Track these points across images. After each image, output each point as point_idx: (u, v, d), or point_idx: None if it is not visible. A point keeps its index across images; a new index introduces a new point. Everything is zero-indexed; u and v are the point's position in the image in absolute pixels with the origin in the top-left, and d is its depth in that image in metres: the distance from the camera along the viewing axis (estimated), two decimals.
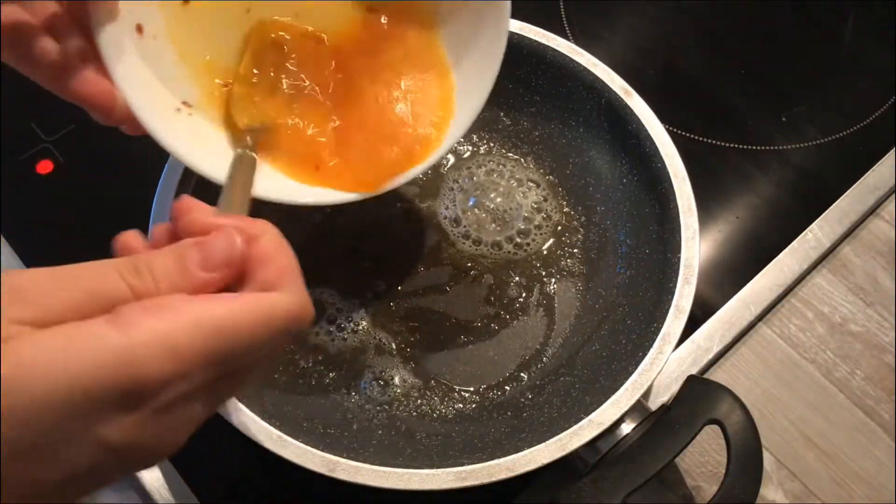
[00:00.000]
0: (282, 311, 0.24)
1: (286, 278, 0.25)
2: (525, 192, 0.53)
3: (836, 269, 0.56)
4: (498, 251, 0.51)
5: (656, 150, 0.47)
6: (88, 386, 0.19)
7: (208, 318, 0.22)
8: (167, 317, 0.21)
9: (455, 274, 0.50)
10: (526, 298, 0.50)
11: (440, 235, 0.52)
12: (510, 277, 0.50)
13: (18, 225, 0.54)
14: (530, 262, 0.51)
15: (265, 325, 0.23)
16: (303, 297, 0.25)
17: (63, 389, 0.19)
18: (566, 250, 0.51)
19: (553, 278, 0.50)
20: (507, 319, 0.49)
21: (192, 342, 0.21)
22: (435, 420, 0.45)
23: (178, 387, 0.21)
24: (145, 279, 0.23)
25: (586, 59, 0.49)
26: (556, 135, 0.53)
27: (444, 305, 0.49)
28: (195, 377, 0.21)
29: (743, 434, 0.40)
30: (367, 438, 0.43)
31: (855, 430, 0.50)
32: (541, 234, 0.52)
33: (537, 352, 0.48)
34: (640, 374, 0.40)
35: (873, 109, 0.62)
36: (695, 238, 0.44)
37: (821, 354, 0.52)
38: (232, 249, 0.24)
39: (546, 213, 0.52)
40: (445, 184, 0.53)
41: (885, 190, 0.57)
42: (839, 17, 0.67)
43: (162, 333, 0.21)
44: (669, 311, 0.42)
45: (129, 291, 0.22)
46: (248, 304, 0.23)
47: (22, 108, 0.58)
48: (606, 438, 0.40)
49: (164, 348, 0.21)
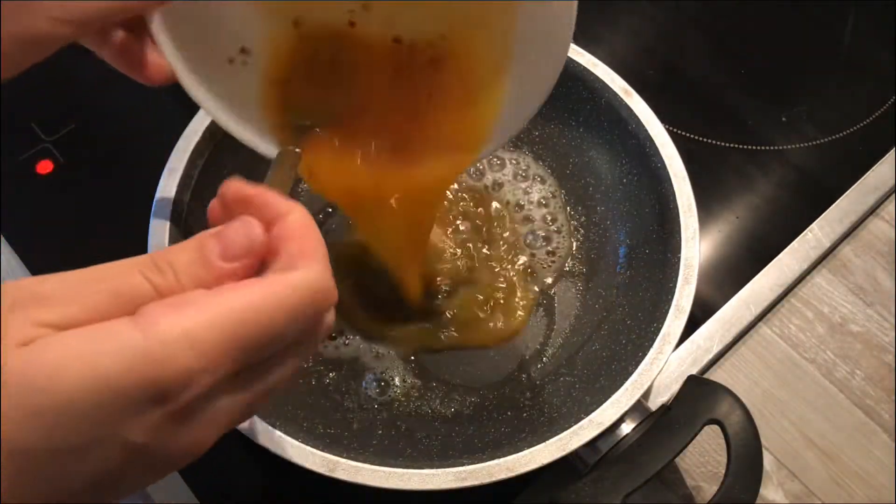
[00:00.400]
0: (301, 290, 0.23)
1: (307, 256, 0.24)
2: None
3: (836, 269, 0.56)
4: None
5: (656, 150, 0.47)
6: (114, 386, 0.19)
7: (227, 308, 0.21)
8: (187, 312, 0.21)
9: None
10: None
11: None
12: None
13: (18, 225, 0.54)
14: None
15: (284, 307, 0.23)
16: (321, 273, 0.24)
17: (90, 390, 0.19)
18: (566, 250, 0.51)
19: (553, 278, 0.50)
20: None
21: (213, 334, 0.21)
22: (435, 420, 0.45)
23: (202, 381, 0.21)
24: (167, 275, 0.22)
25: (586, 59, 0.49)
26: (556, 135, 0.53)
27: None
28: (219, 370, 0.21)
29: (743, 434, 0.40)
30: (367, 438, 0.43)
31: (855, 430, 0.50)
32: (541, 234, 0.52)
33: (537, 352, 0.48)
34: (640, 374, 0.40)
35: (873, 109, 0.62)
36: (695, 238, 0.44)
37: (821, 354, 0.52)
38: (251, 238, 0.24)
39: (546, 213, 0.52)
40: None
41: (885, 190, 0.57)
42: (839, 17, 0.67)
43: (182, 329, 0.21)
44: (669, 311, 0.42)
45: (151, 289, 0.22)
46: (267, 289, 0.23)
47: (22, 108, 0.58)
48: (606, 438, 0.40)
49: (185, 343, 0.20)
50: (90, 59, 0.37)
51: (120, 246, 0.55)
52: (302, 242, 0.24)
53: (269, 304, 0.22)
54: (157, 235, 0.42)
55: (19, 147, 0.57)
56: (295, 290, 0.23)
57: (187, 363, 0.20)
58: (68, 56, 0.62)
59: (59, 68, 0.60)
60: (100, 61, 0.36)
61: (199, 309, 0.21)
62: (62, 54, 0.30)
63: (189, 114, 0.46)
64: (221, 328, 0.21)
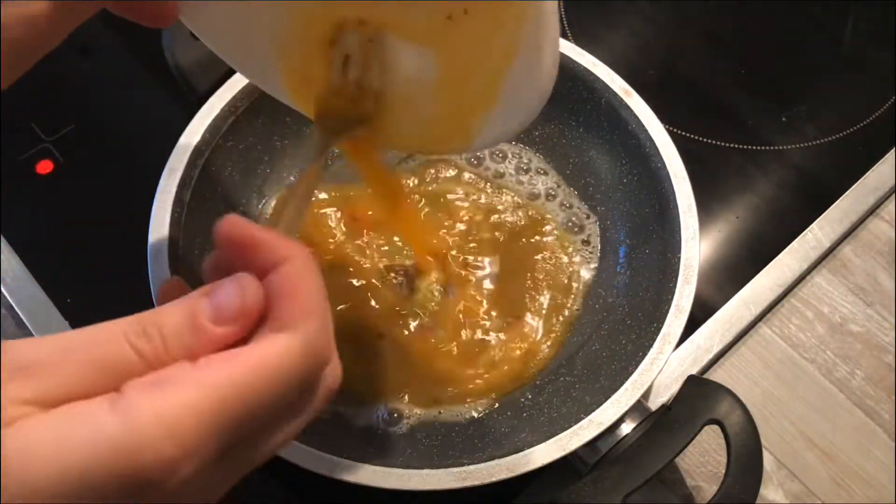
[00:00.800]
0: (293, 355, 0.22)
1: (302, 313, 0.22)
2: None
3: (836, 269, 0.56)
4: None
5: (656, 150, 0.47)
6: (85, 479, 0.18)
7: (210, 388, 0.20)
8: (167, 393, 0.20)
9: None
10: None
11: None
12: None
13: (18, 225, 0.54)
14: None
15: (273, 378, 0.21)
16: (316, 333, 0.22)
17: (58, 483, 0.18)
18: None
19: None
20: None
21: (193, 420, 0.20)
22: (435, 420, 0.45)
23: (183, 470, 0.19)
24: (154, 341, 0.21)
25: (586, 59, 0.49)
26: (556, 135, 0.53)
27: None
28: (203, 455, 0.20)
29: (743, 434, 0.40)
30: (367, 438, 0.43)
31: (855, 430, 0.50)
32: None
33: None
34: (640, 374, 0.40)
35: (873, 109, 0.62)
36: (695, 238, 0.44)
37: (821, 354, 0.52)
38: (245, 299, 0.22)
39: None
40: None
41: (885, 190, 0.57)
42: (839, 17, 0.67)
43: (160, 414, 0.19)
44: (669, 311, 0.42)
45: (137, 358, 0.21)
46: (254, 360, 0.21)
47: (22, 108, 0.58)
48: (606, 438, 0.40)
49: (163, 431, 0.19)
50: (90, 59, 0.37)
51: (120, 246, 0.55)
52: (297, 298, 0.23)
53: (256, 377, 0.21)
54: (157, 235, 0.42)
55: (19, 147, 0.57)
56: (286, 356, 0.21)
57: (166, 453, 0.19)
58: (68, 56, 0.62)
59: (59, 68, 0.60)
60: (100, 61, 0.36)
61: (179, 389, 0.20)
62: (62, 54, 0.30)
63: (189, 114, 0.46)
64: (202, 413, 0.20)
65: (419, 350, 0.46)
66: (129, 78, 0.60)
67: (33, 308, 0.50)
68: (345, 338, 0.45)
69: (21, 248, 0.53)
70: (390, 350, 0.46)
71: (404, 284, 0.47)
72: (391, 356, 0.46)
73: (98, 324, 0.21)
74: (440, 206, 0.51)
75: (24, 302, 0.51)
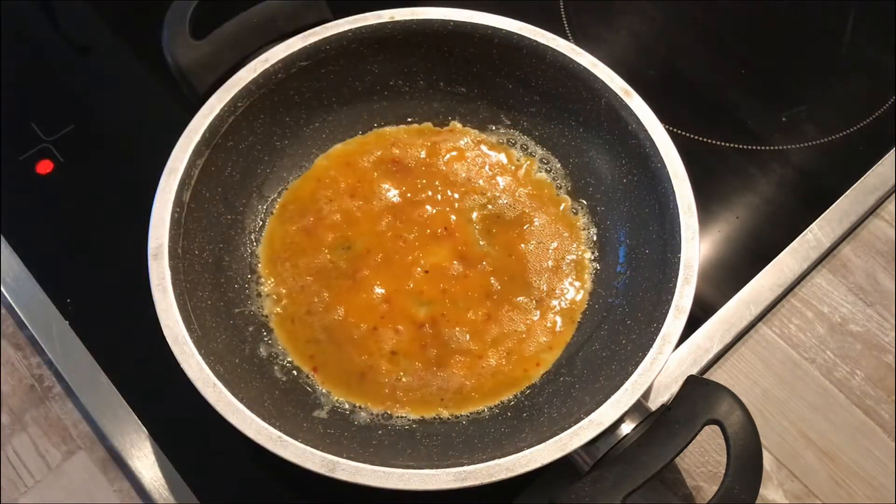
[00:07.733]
0: None
1: None
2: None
3: (836, 269, 0.56)
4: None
5: (656, 150, 0.47)
6: None
7: None
8: None
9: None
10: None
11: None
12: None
13: (18, 225, 0.54)
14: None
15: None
16: None
17: None
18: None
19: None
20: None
21: None
22: (435, 420, 0.45)
23: None
24: None
25: (586, 59, 0.49)
26: (556, 135, 0.53)
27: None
28: None
29: (743, 434, 0.40)
30: (367, 438, 0.43)
31: (855, 430, 0.50)
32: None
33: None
34: (640, 374, 0.40)
35: (873, 109, 0.62)
36: (695, 238, 0.44)
37: (821, 354, 0.52)
38: None
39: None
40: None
41: (885, 190, 0.57)
42: (839, 17, 0.67)
43: None
44: (669, 311, 0.42)
45: None
46: None
47: (22, 108, 0.58)
48: (606, 438, 0.40)
49: None
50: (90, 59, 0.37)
51: (120, 246, 0.55)
52: None
53: None
54: (157, 235, 0.42)
55: (19, 147, 0.57)
56: None
57: None
58: (68, 56, 0.62)
59: (59, 68, 0.60)
60: (100, 61, 0.36)
61: None
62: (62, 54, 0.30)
63: (189, 114, 0.46)
64: None
65: (420, 350, 0.46)
66: (129, 78, 0.60)
67: (33, 308, 0.50)
68: (345, 337, 0.46)
69: (21, 248, 0.53)
70: (390, 350, 0.46)
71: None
72: (391, 356, 0.46)
73: None
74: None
75: (24, 302, 0.51)
